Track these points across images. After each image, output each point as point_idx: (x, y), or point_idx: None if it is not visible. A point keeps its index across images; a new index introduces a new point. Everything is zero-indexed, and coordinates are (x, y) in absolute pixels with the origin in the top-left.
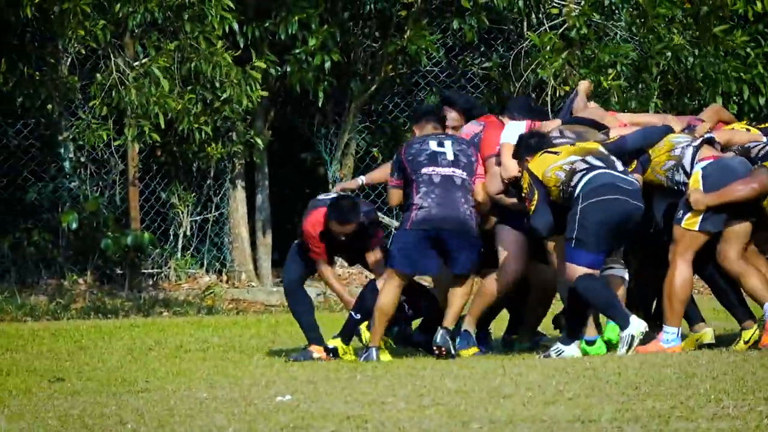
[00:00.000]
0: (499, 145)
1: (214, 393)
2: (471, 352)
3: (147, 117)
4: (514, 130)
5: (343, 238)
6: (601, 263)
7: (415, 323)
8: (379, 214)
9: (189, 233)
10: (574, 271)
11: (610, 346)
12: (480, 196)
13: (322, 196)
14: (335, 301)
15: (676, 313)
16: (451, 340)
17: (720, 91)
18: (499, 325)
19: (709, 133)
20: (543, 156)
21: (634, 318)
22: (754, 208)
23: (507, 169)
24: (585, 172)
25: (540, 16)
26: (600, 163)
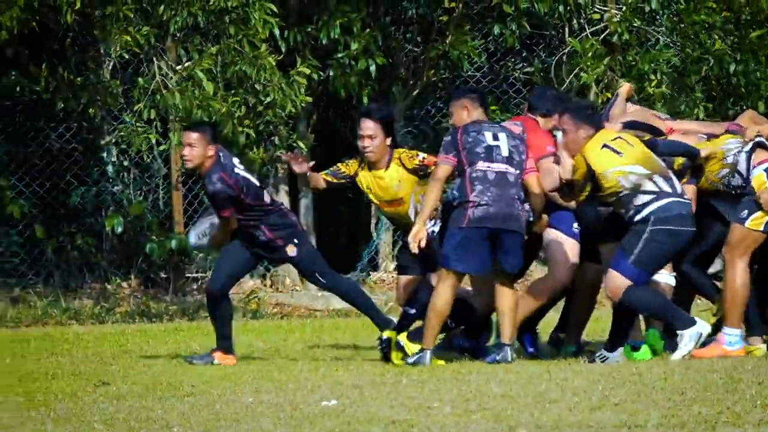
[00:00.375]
0: (549, 145)
1: (259, 397)
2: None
3: (191, 120)
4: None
5: None
6: (649, 282)
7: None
8: None
9: None
10: (619, 280)
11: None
12: (537, 188)
13: None
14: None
15: (737, 315)
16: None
17: (762, 97)
18: (544, 329)
19: (759, 136)
20: (605, 151)
21: (698, 319)
22: None
23: (567, 170)
24: (656, 197)
25: (581, 21)
26: (668, 188)
